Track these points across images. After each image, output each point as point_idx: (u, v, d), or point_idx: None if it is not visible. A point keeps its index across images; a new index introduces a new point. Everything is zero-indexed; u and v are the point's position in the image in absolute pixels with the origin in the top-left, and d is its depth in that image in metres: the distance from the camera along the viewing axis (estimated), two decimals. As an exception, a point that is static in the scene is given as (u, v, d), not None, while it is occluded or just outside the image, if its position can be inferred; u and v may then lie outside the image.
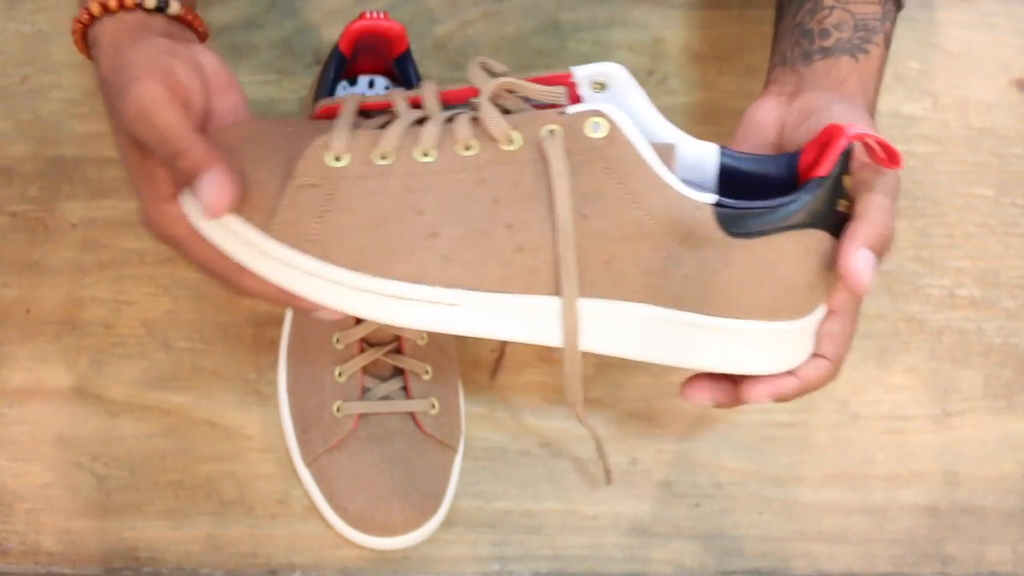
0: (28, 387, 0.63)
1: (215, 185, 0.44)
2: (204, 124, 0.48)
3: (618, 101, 0.49)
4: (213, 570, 0.61)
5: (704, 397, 0.51)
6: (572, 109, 0.46)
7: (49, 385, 0.63)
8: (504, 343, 0.63)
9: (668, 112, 0.67)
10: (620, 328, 0.48)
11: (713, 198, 0.46)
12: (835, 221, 0.47)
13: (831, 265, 0.47)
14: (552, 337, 0.47)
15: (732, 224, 0.46)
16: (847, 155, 0.47)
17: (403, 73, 0.62)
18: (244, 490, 0.62)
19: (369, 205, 0.46)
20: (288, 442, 0.62)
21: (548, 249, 0.46)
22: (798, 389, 0.50)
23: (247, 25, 0.69)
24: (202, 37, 0.52)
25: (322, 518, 0.60)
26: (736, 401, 0.51)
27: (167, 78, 0.45)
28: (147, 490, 0.62)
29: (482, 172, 0.46)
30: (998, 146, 0.69)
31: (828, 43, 0.54)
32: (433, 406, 0.60)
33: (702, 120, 0.68)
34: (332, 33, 0.63)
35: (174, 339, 0.64)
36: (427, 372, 0.60)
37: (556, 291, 0.47)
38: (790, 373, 0.50)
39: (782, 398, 0.50)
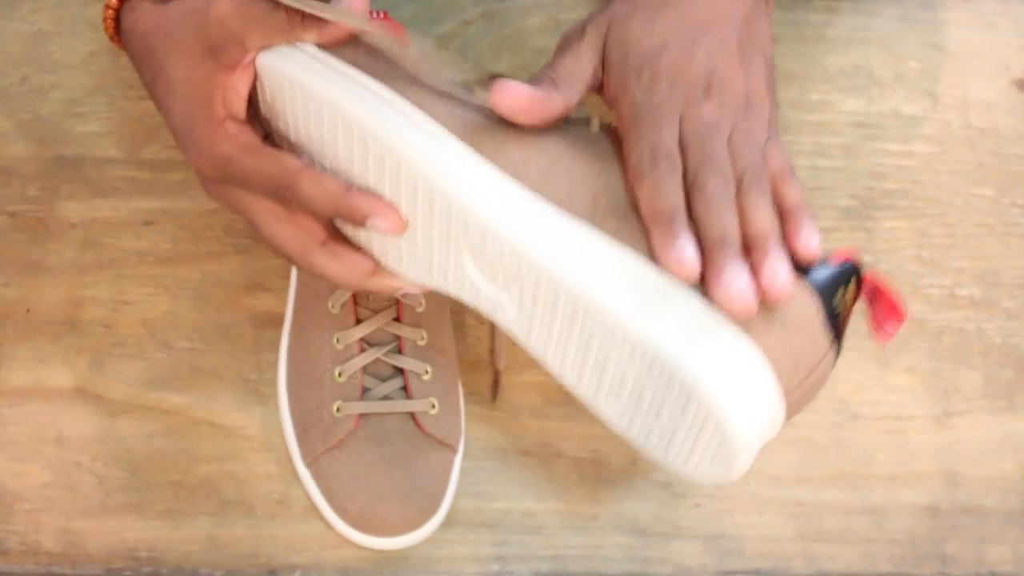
0: (28, 387, 0.63)
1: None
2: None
3: None
4: (213, 570, 0.61)
5: None
6: None
7: (49, 385, 0.63)
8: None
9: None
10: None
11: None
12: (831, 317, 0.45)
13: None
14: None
15: None
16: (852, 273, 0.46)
17: (403, 73, 0.62)
18: (244, 490, 0.62)
19: None
20: (288, 442, 0.62)
21: None
22: None
23: (247, 25, 0.69)
24: None
25: (322, 518, 0.60)
26: None
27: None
28: (147, 490, 0.62)
29: None
30: (998, 146, 0.69)
31: None
32: (433, 406, 0.60)
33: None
34: (332, 33, 0.63)
35: (174, 339, 0.64)
36: (427, 372, 0.60)
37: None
38: None
39: None
